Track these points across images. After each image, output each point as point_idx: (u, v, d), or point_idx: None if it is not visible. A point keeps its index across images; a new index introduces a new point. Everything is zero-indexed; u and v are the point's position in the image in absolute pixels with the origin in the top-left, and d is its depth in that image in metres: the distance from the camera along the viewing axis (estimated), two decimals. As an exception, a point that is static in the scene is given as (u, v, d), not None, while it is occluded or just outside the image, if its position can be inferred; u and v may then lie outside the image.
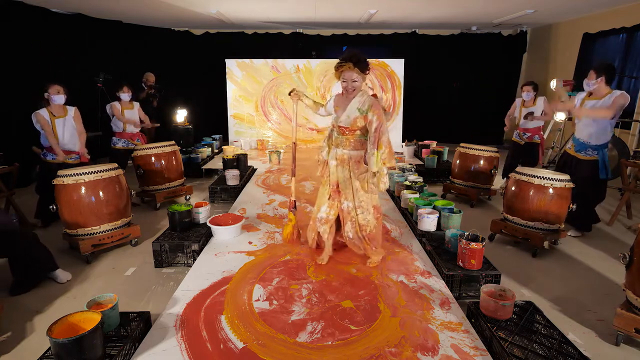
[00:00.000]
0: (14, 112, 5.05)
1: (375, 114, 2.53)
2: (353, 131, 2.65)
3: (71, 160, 3.78)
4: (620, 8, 5.99)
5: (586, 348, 2.09)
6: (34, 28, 5.55)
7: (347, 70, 2.53)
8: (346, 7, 6.17)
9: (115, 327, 2.04)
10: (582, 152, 3.58)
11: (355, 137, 2.67)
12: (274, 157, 6.19)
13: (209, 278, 2.63)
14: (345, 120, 2.63)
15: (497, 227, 3.49)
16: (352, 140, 2.67)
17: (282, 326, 2.12)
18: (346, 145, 2.69)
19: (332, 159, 2.77)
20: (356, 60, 2.50)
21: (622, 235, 3.78)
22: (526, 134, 4.98)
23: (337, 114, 2.70)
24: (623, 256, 2.15)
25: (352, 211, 2.75)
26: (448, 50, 8.62)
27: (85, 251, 3.07)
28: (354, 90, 2.61)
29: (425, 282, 2.59)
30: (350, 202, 2.75)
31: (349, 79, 2.56)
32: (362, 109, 2.57)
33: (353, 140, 2.67)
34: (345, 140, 2.68)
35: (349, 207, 2.76)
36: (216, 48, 8.44)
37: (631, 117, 5.67)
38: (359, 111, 2.58)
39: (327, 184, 2.82)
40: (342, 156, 2.71)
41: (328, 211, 2.82)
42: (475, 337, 2.04)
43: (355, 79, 2.56)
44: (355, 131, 2.65)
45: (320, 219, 2.84)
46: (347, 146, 2.69)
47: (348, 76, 2.56)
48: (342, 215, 2.80)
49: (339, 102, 2.71)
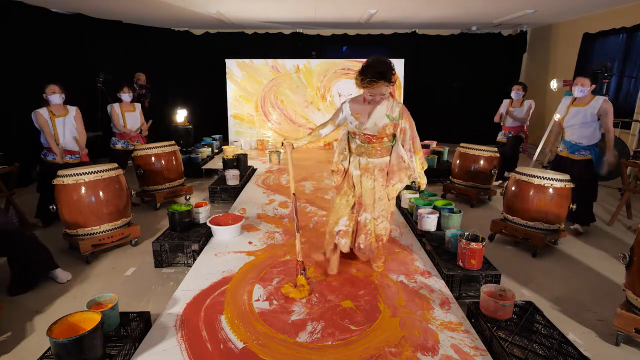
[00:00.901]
0: (14, 112, 5.05)
1: (408, 121, 2.47)
2: (381, 139, 2.49)
3: (71, 160, 3.78)
4: (620, 8, 5.99)
5: (586, 348, 2.09)
6: (34, 28, 5.55)
7: (378, 87, 2.31)
8: (346, 7, 6.17)
9: (115, 327, 2.04)
10: (576, 153, 3.68)
11: (382, 144, 2.52)
12: (274, 157, 6.19)
13: (209, 278, 2.63)
14: (373, 128, 2.45)
15: (497, 227, 3.49)
16: (379, 148, 2.52)
17: (282, 326, 2.12)
18: (372, 153, 2.53)
19: (355, 168, 2.59)
20: (389, 76, 2.32)
21: (622, 235, 3.78)
22: (510, 132, 5.21)
23: (360, 120, 2.49)
24: (623, 256, 2.15)
25: (370, 223, 2.61)
26: (448, 50, 8.62)
27: (85, 251, 3.07)
28: (380, 101, 2.43)
29: (425, 282, 2.59)
30: (370, 213, 2.59)
31: (377, 94, 2.36)
32: (392, 116, 2.43)
33: (380, 148, 2.52)
34: (372, 148, 2.52)
35: (367, 219, 2.61)
36: (216, 48, 8.45)
37: (631, 117, 5.67)
38: (387, 118, 2.43)
39: (349, 194, 2.64)
40: (367, 165, 2.55)
41: (348, 223, 2.64)
42: (475, 337, 2.04)
43: (384, 92, 2.38)
44: (383, 138, 2.50)
45: (339, 232, 2.65)
46: (373, 154, 2.53)
47: (377, 91, 2.34)
48: (358, 227, 2.65)
49: (359, 109, 2.50)
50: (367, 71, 2.29)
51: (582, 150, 3.65)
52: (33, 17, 5.55)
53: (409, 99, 7.89)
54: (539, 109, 7.84)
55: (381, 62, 2.30)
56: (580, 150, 3.66)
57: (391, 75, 2.32)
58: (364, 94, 2.41)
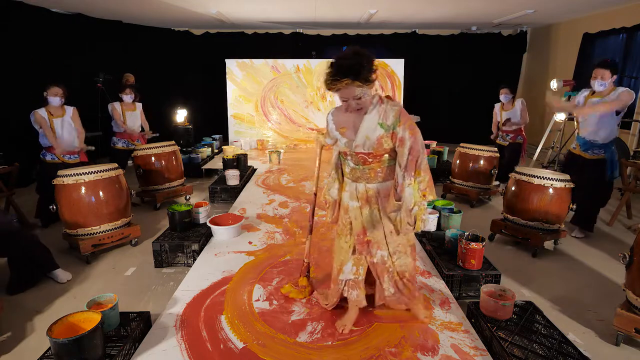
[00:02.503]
0: (14, 112, 5.04)
1: (408, 128, 1.78)
2: (379, 157, 1.87)
3: (70, 160, 3.78)
4: (620, 8, 5.99)
5: (586, 348, 2.08)
6: (34, 28, 5.55)
7: (345, 87, 1.73)
8: (346, 7, 6.17)
9: (115, 327, 2.04)
10: (589, 151, 3.47)
11: (383, 164, 1.90)
12: (274, 157, 6.19)
13: (209, 278, 2.63)
14: (365, 144, 1.85)
15: (497, 227, 3.49)
16: (378, 169, 1.91)
17: (282, 326, 2.12)
18: (371, 177, 1.93)
19: (351, 199, 2.01)
20: (361, 74, 1.70)
21: (622, 235, 3.78)
22: (509, 135, 5.13)
23: (348, 136, 1.91)
24: (623, 256, 2.15)
25: (389, 260, 2.01)
26: (448, 50, 8.62)
27: (85, 251, 3.07)
28: (360, 109, 1.84)
29: (425, 282, 2.59)
30: (385, 250, 2.00)
31: (349, 97, 1.77)
32: (387, 124, 1.80)
33: (380, 169, 1.91)
34: (370, 170, 1.91)
35: (384, 257, 2.01)
36: (216, 48, 8.45)
37: (631, 117, 5.67)
38: (382, 127, 1.81)
39: (347, 233, 2.05)
40: (367, 193, 1.96)
41: (355, 270, 2.04)
42: (475, 337, 2.04)
43: (358, 95, 1.76)
44: (383, 156, 1.87)
45: (347, 282, 2.07)
46: (373, 179, 1.93)
47: (347, 94, 1.76)
48: (377, 270, 2.04)
49: (344, 121, 1.92)
50: (330, 67, 1.74)
51: (596, 149, 3.41)
52: (33, 17, 5.55)
53: (409, 99, 7.90)
54: (539, 109, 7.86)
55: (349, 56, 1.73)
56: (594, 149, 3.42)
57: (365, 71, 1.71)
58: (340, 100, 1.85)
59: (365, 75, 1.71)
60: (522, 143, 5.12)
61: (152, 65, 7.71)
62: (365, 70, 1.71)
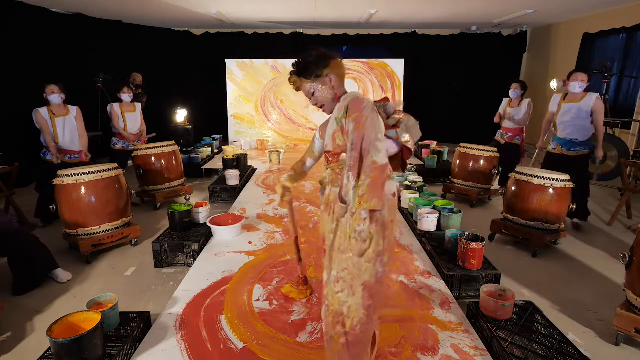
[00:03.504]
0: (14, 112, 5.05)
1: (353, 121, 1.51)
2: (337, 156, 1.71)
3: (71, 160, 3.78)
4: (620, 8, 5.99)
5: (586, 348, 2.08)
6: (34, 28, 5.55)
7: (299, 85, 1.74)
8: (346, 7, 6.18)
9: (115, 327, 2.04)
10: (572, 149, 3.74)
11: (340, 163, 1.71)
12: (274, 157, 6.19)
13: (209, 278, 2.63)
14: (328, 142, 1.75)
15: (497, 227, 3.49)
16: (337, 170, 1.72)
17: (282, 326, 2.12)
18: (334, 179, 1.74)
19: (323, 204, 1.86)
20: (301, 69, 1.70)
21: (622, 235, 3.78)
22: (507, 133, 5.04)
23: (322, 137, 1.88)
24: (623, 256, 2.15)
25: (328, 286, 1.61)
26: (448, 50, 8.62)
27: (85, 251, 3.07)
28: (322, 106, 1.74)
29: (425, 282, 2.59)
30: (328, 269, 1.63)
31: (307, 96, 1.75)
32: (339, 117, 1.63)
33: (339, 170, 1.71)
34: (332, 172, 1.75)
35: (325, 281, 1.64)
36: (216, 48, 8.45)
37: (631, 117, 5.67)
38: (336, 122, 1.66)
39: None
40: (328, 197, 1.78)
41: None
42: (475, 337, 2.04)
43: (310, 91, 1.71)
44: (340, 155, 1.70)
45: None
46: (335, 181, 1.73)
47: (304, 91, 1.75)
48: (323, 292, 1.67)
49: (323, 125, 1.89)
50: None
51: (578, 146, 3.71)
52: (33, 17, 5.55)
53: (409, 99, 7.90)
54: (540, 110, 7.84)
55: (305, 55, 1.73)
56: (576, 147, 3.71)
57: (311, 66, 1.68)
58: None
59: (311, 71, 1.68)
60: (520, 145, 5.03)
61: (152, 65, 7.71)
62: (312, 65, 1.68)
